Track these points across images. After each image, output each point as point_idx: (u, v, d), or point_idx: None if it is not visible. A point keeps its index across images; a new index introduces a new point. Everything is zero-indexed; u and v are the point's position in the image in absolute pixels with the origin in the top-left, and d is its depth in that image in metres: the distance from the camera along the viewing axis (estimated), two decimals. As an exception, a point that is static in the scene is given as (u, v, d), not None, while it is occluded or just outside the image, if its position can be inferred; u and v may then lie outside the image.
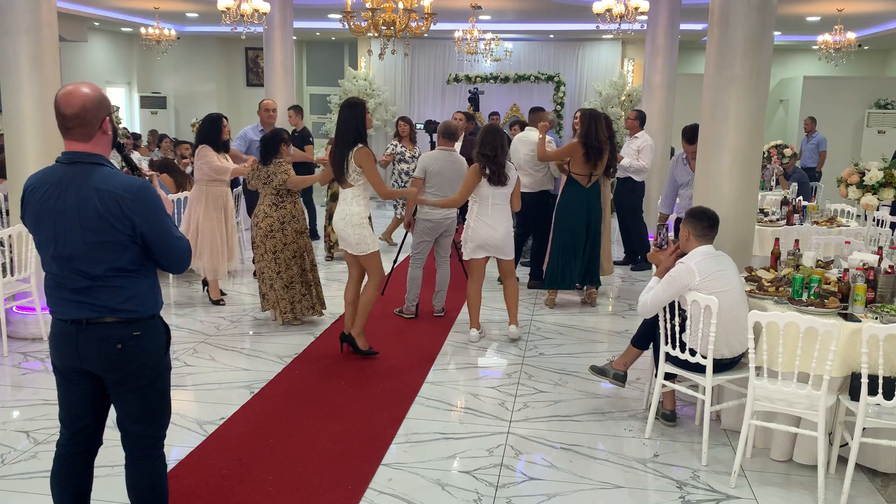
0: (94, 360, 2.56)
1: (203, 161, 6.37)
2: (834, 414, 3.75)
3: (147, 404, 2.66)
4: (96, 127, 2.51)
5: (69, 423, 2.71)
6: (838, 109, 13.77)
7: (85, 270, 2.50)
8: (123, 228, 2.47)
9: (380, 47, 8.42)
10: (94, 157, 2.52)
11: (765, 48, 4.66)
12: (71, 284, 2.53)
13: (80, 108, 2.46)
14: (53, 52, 5.64)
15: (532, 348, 5.65)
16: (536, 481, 3.67)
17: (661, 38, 9.64)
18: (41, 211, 2.52)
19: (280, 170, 5.87)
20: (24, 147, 5.57)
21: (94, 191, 2.46)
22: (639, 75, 14.56)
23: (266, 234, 5.86)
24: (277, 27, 9.68)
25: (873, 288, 3.93)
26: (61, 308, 2.57)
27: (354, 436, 4.08)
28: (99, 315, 2.53)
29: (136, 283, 2.57)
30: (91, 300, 2.52)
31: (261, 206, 5.93)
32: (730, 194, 4.75)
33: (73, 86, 2.50)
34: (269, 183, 5.88)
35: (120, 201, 2.45)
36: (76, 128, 2.48)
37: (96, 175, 2.48)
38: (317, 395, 4.66)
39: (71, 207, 2.47)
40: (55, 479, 2.75)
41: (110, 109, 2.59)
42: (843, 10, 10.65)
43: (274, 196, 5.88)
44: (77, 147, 2.52)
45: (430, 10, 7.61)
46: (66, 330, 2.56)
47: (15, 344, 5.49)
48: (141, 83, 16.22)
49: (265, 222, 5.87)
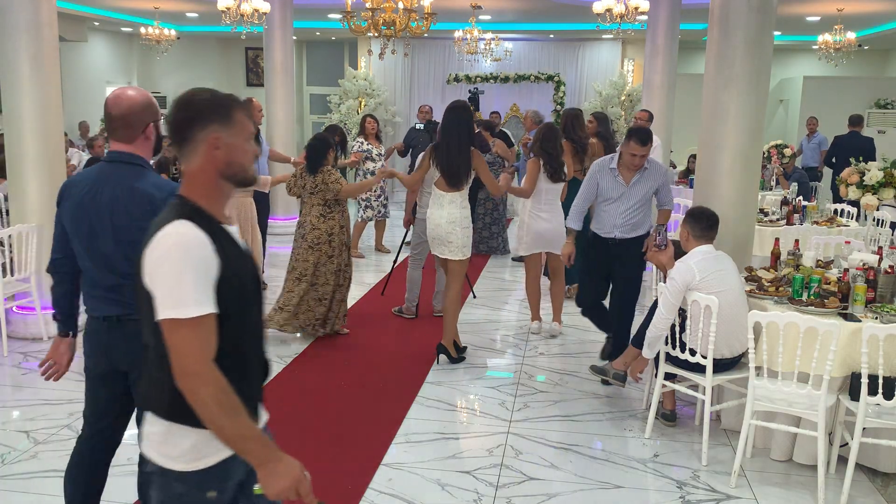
0: (122, 356, 2.62)
1: None
2: (834, 414, 3.75)
3: None
4: (139, 130, 2.61)
5: (93, 421, 2.77)
6: (838, 109, 13.75)
7: (116, 267, 2.57)
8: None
9: (380, 47, 8.42)
10: (133, 157, 2.62)
11: (765, 48, 4.66)
12: (104, 281, 2.60)
13: (126, 109, 2.58)
14: (53, 52, 5.64)
15: (532, 348, 5.65)
16: (536, 481, 3.67)
17: (661, 38, 9.63)
18: (79, 206, 2.58)
19: (331, 179, 5.49)
20: (24, 147, 5.57)
21: (129, 189, 2.54)
22: (639, 75, 14.55)
23: (311, 247, 5.50)
24: (277, 27, 9.68)
25: (873, 288, 3.93)
26: (95, 304, 2.64)
27: (354, 436, 4.08)
28: (130, 312, 2.56)
29: None
30: (123, 298, 2.58)
31: (307, 216, 5.55)
32: (730, 194, 4.75)
33: (122, 89, 2.65)
34: (318, 193, 5.51)
35: (151, 201, 2.51)
36: (120, 129, 2.59)
37: (133, 174, 2.58)
38: (317, 396, 4.66)
39: (105, 204, 2.55)
40: (71, 472, 2.80)
41: (157, 116, 2.67)
42: (843, 10, 10.65)
43: (321, 206, 5.52)
44: (120, 148, 2.62)
45: (430, 10, 7.61)
46: (98, 327, 2.63)
47: (15, 344, 5.49)
48: (141, 83, 16.22)
49: (312, 234, 5.50)
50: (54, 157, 5.69)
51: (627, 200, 4.77)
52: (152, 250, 1.73)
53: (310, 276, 5.50)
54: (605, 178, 4.82)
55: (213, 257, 1.73)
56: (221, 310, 1.74)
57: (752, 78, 4.64)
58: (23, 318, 5.64)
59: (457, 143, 4.99)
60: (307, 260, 5.49)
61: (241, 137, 1.84)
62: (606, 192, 4.81)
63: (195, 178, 1.83)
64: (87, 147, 10.48)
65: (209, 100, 1.82)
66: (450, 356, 5.22)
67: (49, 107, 5.61)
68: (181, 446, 1.78)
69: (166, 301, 1.69)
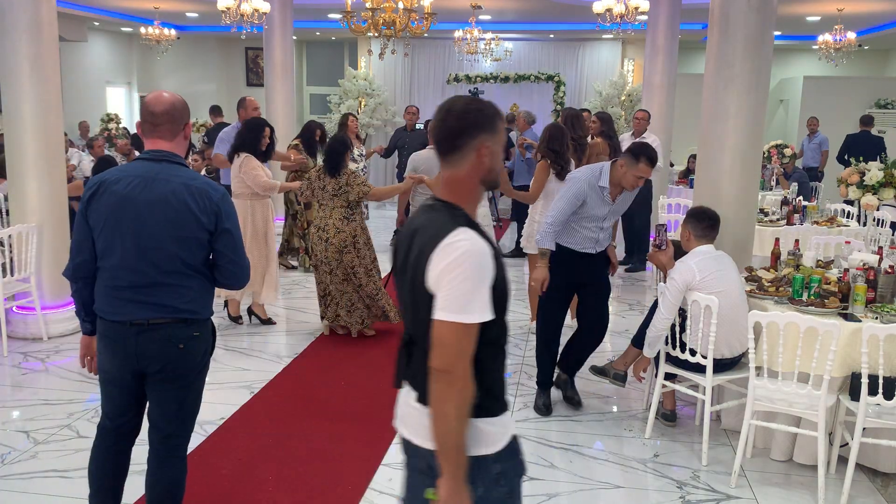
0: (152, 360, 2.61)
1: (248, 174, 5.68)
2: (834, 414, 3.75)
3: (185, 403, 2.75)
4: (181, 127, 2.65)
5: (113, 416, 2.80)
6: (838, 109, 13.76)
7: (157, 263, 2.56)
8: (208, 224, 2.57)
9: (380, 47, 8.42)
10: (176, 156, 2.65)
11: (765, 48, 4.65)
12: (135, 281, 2.57)
13: (169, 105, 2.62)
14: (53, 52, 5.64)
15: (532, 348, 5.64)
16: (536, 481, 3.66)
17: (661, 38, 9.63)
18: (125, 199, 2.55)
19: (356, 182, 5.44)
20: (24, 147, 5.57)
21: (184, 185, 2.56)
22: (639, 75, 14.56)
23: (339, 250, 5.46)
24: (277, 27, 9.68)
25: (873, 288, 3.93)
26: (119, 307, 2.59)
27: (354, 436, 4.08)
28: (160, 315, 2.58)
29: (201, 285, 2.66)
30: (153, 299, 2.57)
31: (328, 219, 5.49)
32: (730, 194, 4.74)
33: (158, 91, 2.69)
34: (341, 195, 5.46)
35: (210, 196, 2.57)
36: (164, 124, 2.61)
37: (182, 172, 2.61)
38: (317, 395, 4.66)
39: (158, 199, 2.54)
40: (94, 464, 2.85)
41: (189, 117, 2.72)
42: (843, 10, 10.65)
43: (344, 209, 5.48)
44: (161, 145, 2.63)
45: (430, 10, 7.61)
46: (123, 332, 2.59)
47: (15, 344, 5.49)
48: (141, 83, 16.22)
49: (338, 238, 5.44)
50: (54, 157, 5.69)
51: (611, 217, 4.45)
52: (443, 255, 1.79)
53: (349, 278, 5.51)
54: (592, 196, 4.31)
55: (492, 265, 1.82)
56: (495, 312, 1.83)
57: (752, 78, 4.63)
58: (23, 318, 5.64)
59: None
60: (339, 261, 5.47)
61: (501, 145, 1.94)
62: (591, 209, 4.32)
63: (460, 184, 1.92)
64: (87, 147, 10.47)
65: (481, 110, 1.90)
66: None
67: (49, 107, 5.61)
68: (479, 436, 1.86)
69: (451, 305, 1.76)
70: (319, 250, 5.53)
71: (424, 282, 1.81)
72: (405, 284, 1.92)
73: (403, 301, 1.97)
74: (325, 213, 5.53)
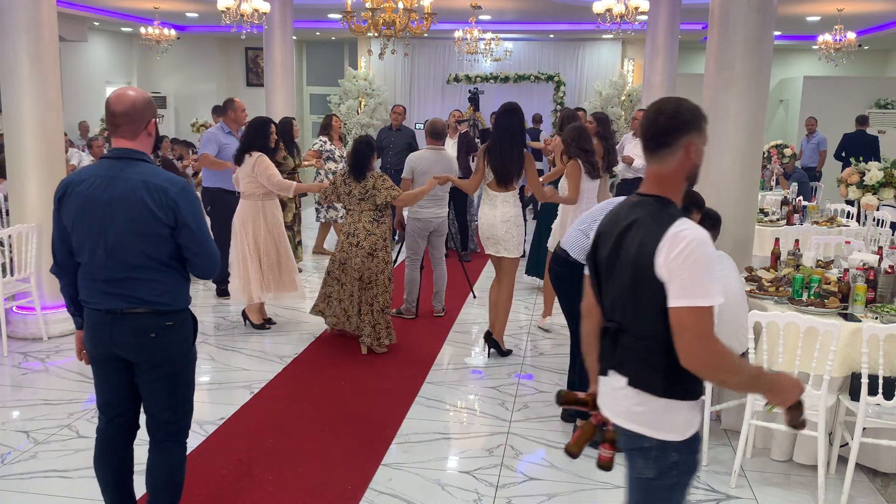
0: (128, 348, 2.69)
1: (263, 173, 5.53)
2: (834, 414, 3.75)
3: (175, 393, 2.81)
4: (142, 126, 2.69)
5: (106, 409, 2.86)
6: (838, 109, 13.76)
7: (125, 260, 2.63)
8: (167, 219, 2.61)
9: (380, 47, 8.41)
10: (139, 153, 2.69)
11: (765, 48, 4.65)
12: (108, 275, 2.65)
13: (129, 106, 2.65)
14: (53, 52, 5.64)
15: (532, 348, 5.65)
16: (536, 481, 3.67)
17: (661, 38, 9.63)
18: (88, 200, 2.63)
19: (384, 186, 5.28)
20: (23, 147, 5.57)
21: (142, 183, 2.61)
22: (639, 75, 14.56)
23: (370, 253, 5.29)
24: (277, 27, 9.68)
25: (873, 288, 3.93)
26: (97, 298, 2.69)
27: (354, 436, 4.08)
28: (133, 305, 2.66)
29: (172, 278, 2.71)
30: (127, 291, 2.65)
31: (357, 224, 5.33)
32: (730, 194, 4.75)
33: (123, 88, 2.71)
34: (369, 199, 5.31)
35: (167, 192, 2.61)
36: (124, 125, 2.66)
37: (143, 169, 2.65)
38: (317, 396, 4.66)
39: (119, 197, 2.60)
40: (98, 462, 2.91)
41: (156, 113, 2.77)
42: (843, 10, 10.65)
43: (373, 211, 5.33)
44: (124, 144, 2.68)
45: (430, 10, 7.61)
46: (101, 319, 2.69)
47: (15, 344, 5.49)
48: (141, 83, 16.22)
49: (368, 241, 5.29)
50: (54, 157, 5.69)
51: None
52: (671, 245, 1.93)
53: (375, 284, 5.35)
54: None
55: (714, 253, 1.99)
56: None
57: (752, 78, 4.64)
58: (23, 318, 5.64)
59: (509, 143, 5.10)
60: (370, 268, 5.29)
61: (705, 144, 2.09)
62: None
63: (668, 179, 2.07)
64: (87, 147, 10.48)
65: (693, 110, 2.05)
66: (500, 349, 5.35)
67: (49, 107, 5.61)
68: (677, 420, 2.03)
69: (691, 292, 1.91)
70: (349, 256, 5.33)
71: (653, 272, 1.95)
72: (622, 275, 2.05)
73: (612, 292, 2.11)
74: (354, 217, 5.37)
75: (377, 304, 5.34)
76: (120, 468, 2.92)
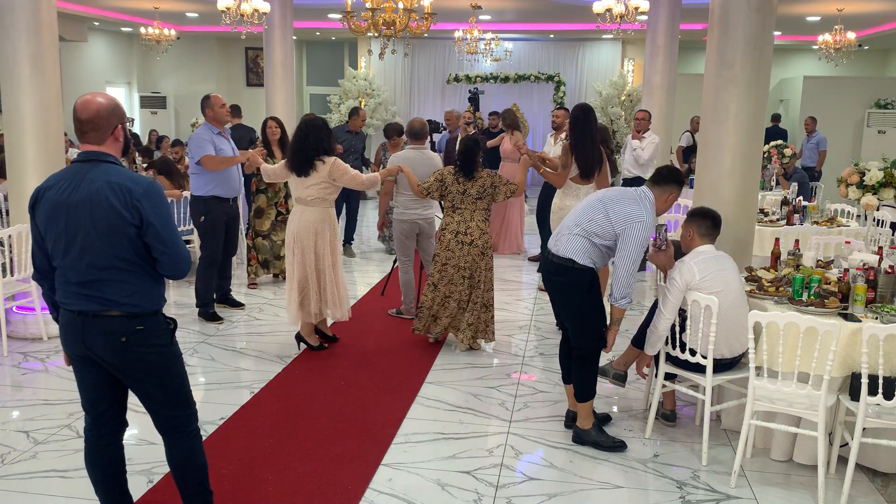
0: (100, 351, 2.71)
1: (343, 177, 5.10)
2: (834, 414, 3.75)
3: (168, 388, 2.83)
4: (108, 133, 2.71)
5: (89, 408, 2.90)
6: (838, 109, 13.77)
7: (94, 262, 2.65)
8: (132, 219, 2.62)
9: (380, 47, 8.41)
10: (105, 155, 2.71)
11: (765, 48, 4.65)
12: (79, 277, 2.67)
13: (94, 113, 2.67)
14: (53, 52, 5.64)
15: (532, 348, 5.65)
16: (536, 481, 3.67)
17: (661, 38, 9.64)
18: (56, 204, 2.66)
19: (501, 182, 5.29)
20: (23, 147, 5.57)
21: (107, 183, 2.63)
22: (639, 75, 14.57)
23: (482, 252, 5.30)
24: (277, 27, 9.68)
25: (873, 288, 3.93)
26: (70, 300, 2.72)
27: (354, 436, 4.08)
28: (104, 308, 2.68)
29: (141, 279, 2.73)
30: (98, 293, 2.67)
31: (469, 222, 5.28)
32: (730, 194, 4.75)
33: (90, 95, 2.72)
34: (485, 199, 5.29)
35: (131, 192, 2.63)
36: (90, 132, 2.69)
37: (108, 170, 2.67)
38: (317, 396, 4.66)
39: (84, 199, 2.63)
40: (88, 462, 2.95)
41: (123, 119, 2.79)
42: (843, 10, 10.66)
43: (485, 210, 5.34)
44: (90, 148, 2.71)
45: (430, 9, 7.61)
46: (73, 320, 2.72)
47: (15, 344, 5.49)
48: (141, 83, 16.23)
49: (482, 240, 5.28)
50: (54, 157, 5.69)
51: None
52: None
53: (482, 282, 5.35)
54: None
55: None
56: None
57: (752, 78, 4.64)
58: (23, 318, 5.65)
59: (591, 140, 5.59)
60: (479, 266, 5.31)
61: None
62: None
63: None
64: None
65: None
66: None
67: (49, 107, 5.61)
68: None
69: None
70: (455, 255, 5.28)
71: None
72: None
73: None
74: (465, 216, 5.30)
75: (481, 301, 5.37)
76: (110, 467, 2.94)
